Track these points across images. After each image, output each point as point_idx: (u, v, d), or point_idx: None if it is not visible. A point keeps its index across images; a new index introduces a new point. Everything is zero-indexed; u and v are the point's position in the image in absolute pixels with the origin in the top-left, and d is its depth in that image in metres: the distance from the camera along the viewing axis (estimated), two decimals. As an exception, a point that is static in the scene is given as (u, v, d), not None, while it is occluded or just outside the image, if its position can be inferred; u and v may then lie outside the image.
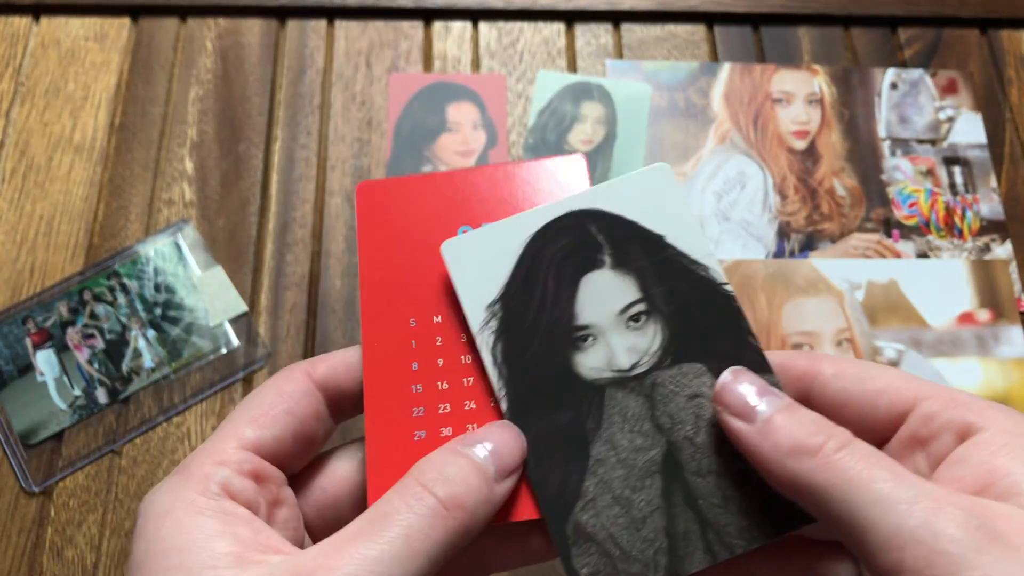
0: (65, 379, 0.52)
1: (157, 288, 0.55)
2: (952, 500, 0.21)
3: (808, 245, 0.58)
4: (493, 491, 0.25)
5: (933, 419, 0.24)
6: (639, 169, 0.30)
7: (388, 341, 0.29)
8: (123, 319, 0.54)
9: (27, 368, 0.52)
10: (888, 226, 0.59)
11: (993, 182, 0.61)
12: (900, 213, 0.59)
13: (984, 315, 0.56)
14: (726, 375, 0.25)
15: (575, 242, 0.28)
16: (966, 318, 0.56)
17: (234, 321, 0.54)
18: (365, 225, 0.30)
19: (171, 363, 0.53)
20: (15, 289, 0.55)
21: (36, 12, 0.64)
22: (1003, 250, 0.58)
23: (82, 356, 0.53)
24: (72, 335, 0.53)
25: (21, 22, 0.63)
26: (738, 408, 0.25)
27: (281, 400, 0.27)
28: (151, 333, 0.53)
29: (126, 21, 0.63)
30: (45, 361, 0.52)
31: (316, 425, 0.27)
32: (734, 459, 0.26)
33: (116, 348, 0.53)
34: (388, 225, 0.30)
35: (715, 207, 0.59)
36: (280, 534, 0.24)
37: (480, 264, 0.28)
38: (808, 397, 0.27)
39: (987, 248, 0.58)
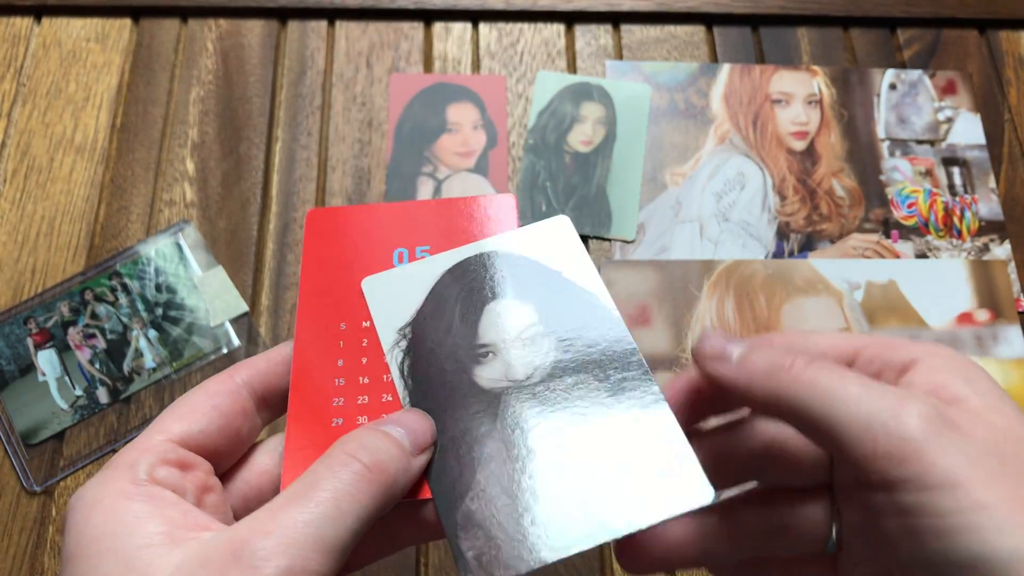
0: (66, 379, 0.52)
1: (158, 288, 0.55)
2: (913, 396, 0.24)
3: (807, 245, 0.58)
4: (410, 463, 0.27)
5: (874, 362, 0.27)
6: (543, 220, 0.34)
7: (318, 338, 0.32)
8: (124, 319, 0.54)
9: (28, 368, 0.52)
10: (887, 226, 0.59)
11: (992, 182, 0.61)
12: (899, 213, 0.59)
13: (983, 315, 0.56)
14: (699, 338, 0.29)
15: (482, 276, 0.32)
16: (965, 318, 0.56)
17: (235, 321, 0.54)
18: (310, 245, 0.34)
19: (172, 363, 0.53)
20: (17, 289, 0.55)
21: (37, 13, 0.64)
22: (1002, 250, 0.58)
23: (83, 356, 0.53)
24: (73, 335, 0.53)
25: (23, 23, 0.63)
26: (716, 353, 0.27)
27: (207, 398, 0.29)
28: (152, 333, 0.54)
29: (127, 22, 0.64)
30: (47, 361, 0.53)
31: (242, 421, 0.29)
32: (626, 440, 0.28)
33: (117, 348, 0.53)
34: (332, 245, 0.34)
35: (714, 207, 0.59)
36: (210, 516, 0.26)
37: (395, 296, 0.32)
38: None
39: (986, 248, 0.58)
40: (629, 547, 0.29)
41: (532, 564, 0.26)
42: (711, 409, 0.31)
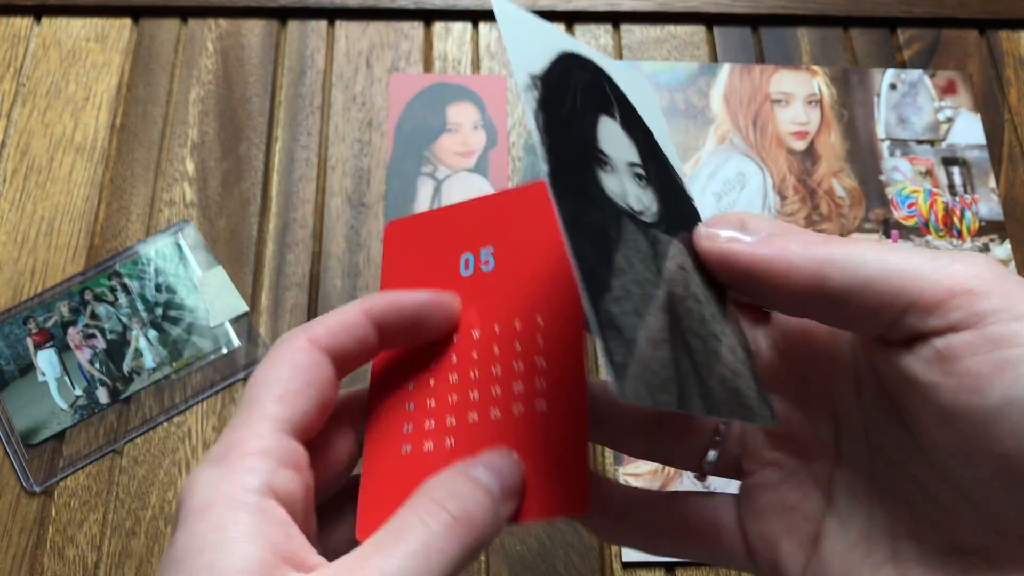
0: (66, 379, 0.52)
1: (158, 288, 0.55)
2: (961, 250, 0.23)
3: (807, 245, 0.58)
4: (499, 511, 0.25)
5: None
6: (635, 72, 0.29)
7: (393, 362, 0.30)
8: (124, 319, 0.54)
9: (28, 368, 0.52)
10: (887, 226, 0.59)
11: (992, 183, 0.61)
12: (899, 213, 0.59)
13: (983, 315, 0.56)
14: (703, 223, 0.26)
15: (595, 84, 0.28)
16: (965, 318, 0.56)
17: (235, 321, 0.54)
18: (389, 260, 0.31)
19: (172, 363, 0.53)
20: (16, 289, 0.55)
21: (37, 13, 0.64)
22: (1002, 250, 0.58)
23: (83, 356, 0.53)
24: (73, 335, 0.53)
25: (22, 23, 0.63)
26: (729, 236, 0.25)
27: (298, 373, 0.26)
28: (152, 333, 0.54)
29: (127, 22, 0.64)
30: (46, 361, 0.53)
31: (332, 392, 0.27)
32: (713, 339, 0.26)
33: (117, 348, 0.53)
34: (409, 257, 0.31)
35: (715, 207, 0.59)
36: (306, 544, 0.24)
37: (525, 38, 0.27)
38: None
39: (986, 249, 0.58)
40: None
41: (666, 403, 0.23)
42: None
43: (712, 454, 0.29)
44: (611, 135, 0.27)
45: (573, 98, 0.27)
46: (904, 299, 0.22)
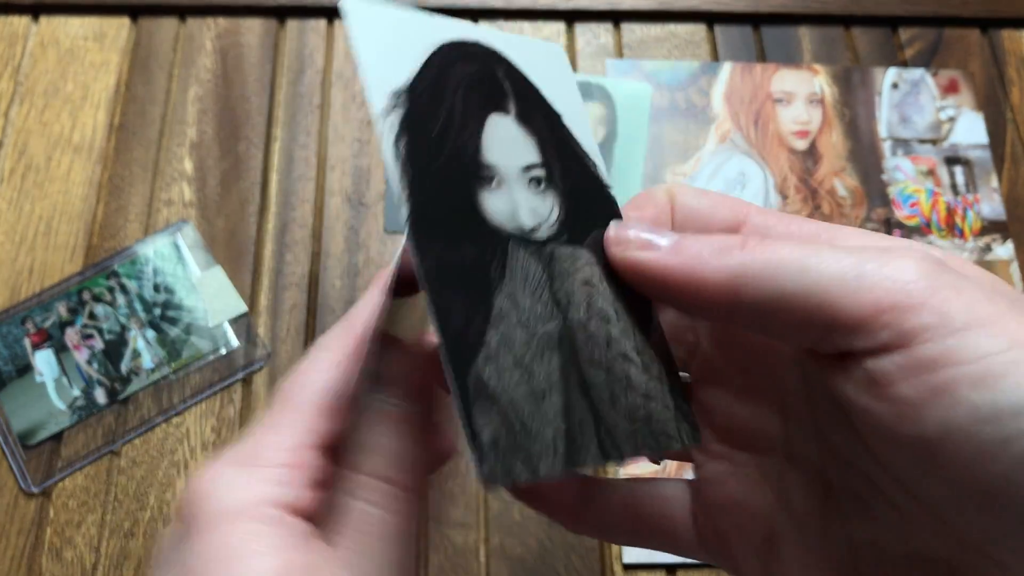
0: (64, 379, 0.52)
1: (156, 288, 0.54)
2: (897, 244, 0.21)
3: (809, 245, 0.58)
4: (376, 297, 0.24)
5: (762, 229, 0.24)
6: (537, 40, 0.27)
7: None
8: (122, 319, 0.54)
9: (26, 368, 0.52)
10: (889, 226, 0.59)
11: (994, 182, 0.60)
12: (901, 213, 0.59)
13: (985, 315, 0.56)
14: (611, 228, 0.24)
15: (483, 76, 0.25)
16: (967, 318, 0.56)
17: (234, 321, 0.54)
18: None
19: (170, 363, 0.53)
20: (14, 289, 0.54)
21: (35, 12, 0.63)
22: (1004, 250, 0.58)
23: (81, 356, 0.53)
24: (71, 335, 0.53)
25: (20, 22, 0.63)
26: (640, 241, 0.23)
27: (336, 372, 0.24)
28: (150, 333, 0.53)
29: (125, 21, 0.63)
30: (44, 361, 0.52)
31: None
32: (622, 360, 0.24)
33: (115, 348, 0.53)
34: None
35: (716, 207, 0.59)
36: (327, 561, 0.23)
37: (387, 42, 0.23)
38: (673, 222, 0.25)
39: (988, 248, 0.58)
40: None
41: (548, 470, 0.22)
42: None
43: None
44: (502, 136, 0.24)
45: (451, 103, 0.24)
46: (825, 317, 0.20)
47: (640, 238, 0.23)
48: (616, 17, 0.65)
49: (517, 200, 0.24)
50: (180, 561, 0.22)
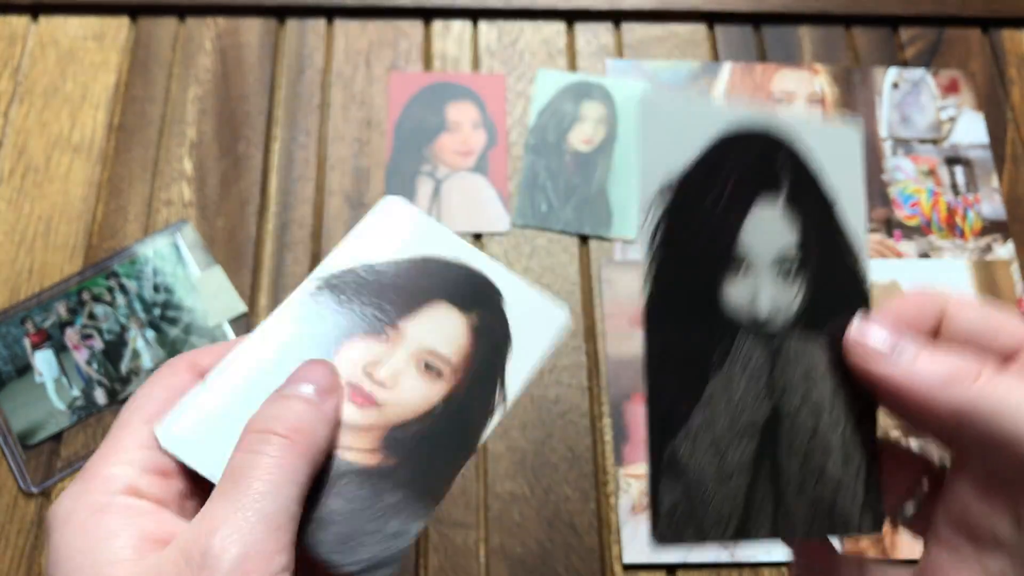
0: (64, 379, 0.52)
1: (156, 288, 0.54)
2: None
3: (809, 245, 0.58)
4: (323, 410, 0.26)
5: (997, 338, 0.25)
6: (835, 121, 0.28)
7: None
8: (122, 319, 0.54)
9: (26, 369, 0.52)
10: (889, 226, 0.59)
11: (995, 182, 0.60)
12: (901, 213, 0.59)
13: (986, 315, 0.56)
14: (858, 324, 0.25)
15: (760, 163, 0.26)
16: (968, 318, 0.56)
17: (233, 321, 0.54)
18: None
19: (170, 364, 0.53)
20: (14, 290, 0.54)
21: (34, 11, 0.63)
22: (1005, 250, 0.58)
23: (81, 356, 0.53)
24: (71, 335, 0.53)
25: (19, 21, 0.63)
26: (878, 352, 0.25)
27: (169, 395, 0.27)
28: (150, 333, 0.53)
29: (125, 21, 0.63)
30: (44, 362, 0.52)
31: None
32: (821, 453, 0.26)
33: (115, 348, 0.53)
34: None
35: (716, 207, 0.58)
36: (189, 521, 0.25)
37: (672, 133, 0.25)
38: (939, 331, 0.27)
39: (989, 248, 0.58)
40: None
41: (716, 539, 0.25)
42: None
43: (910, 506, 0.28)
44: (764, 223, 0.26)
45: (719, 193, 0.26)
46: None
47: (877, 349, 0.25)
48: (616, 17, 0.65)
49: (759, 288, 0.26)
50: (51, 565, 0.24)
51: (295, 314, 0.30)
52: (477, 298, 0.31)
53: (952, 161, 0.61)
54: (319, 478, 0.26)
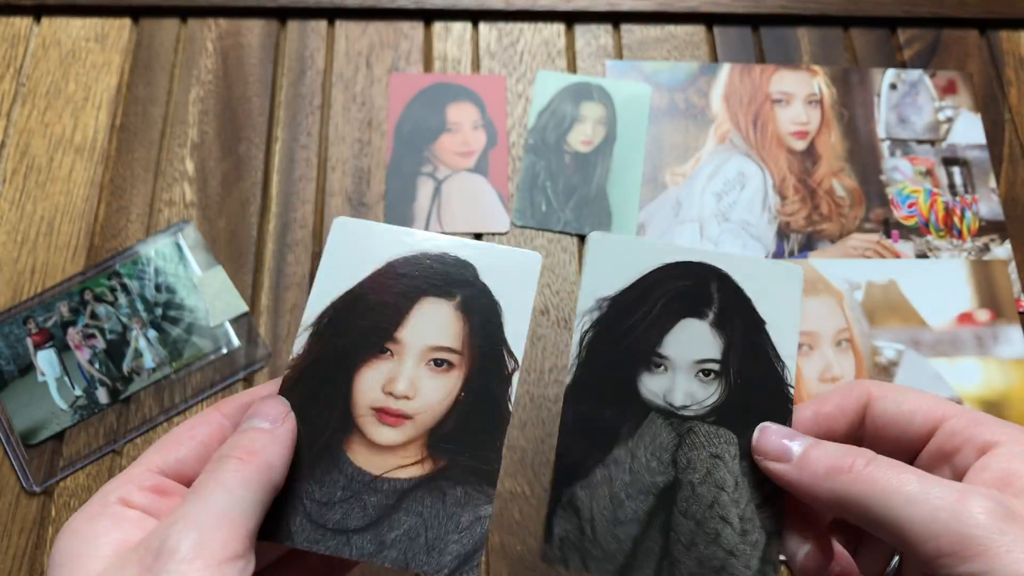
0: (66, 379, 0.52)
1: (158, 288, 0.55)
2: (974, 491, 0.24)
3: (807, 245, 0.58)
4: (276, 433, 0.30)
5: (956, 435, 0.28)
6: (778, 261, 0.34)
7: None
8: (124, 319, 0.54)
9: (28, 368, 0.52)
10: (887, 226, 0.59)
11: (992, 182, 0.61)
12: (899, 213, 0.59)
13: (983, 315, 0.56)
14: (758, 431, 0.30)
15: (693, 289, 0.32)
16: (965, 318, 0.56)
17: (235, 321, 0.54)
18: None
19: (172, 363, 0.53)
20: (16, 289, 0.55)
21: (37, 13, 0.64)
22: (1002, 250, 0.58)
23: (83, 356, 0.53)
24: (73, 335, 0.53)
25: (22, 23, 0.63)
26: (776, 453, 0.29)
27: (187, 430, 0.31)
28: (152, 333, 0.54)
29: (127, 22, 0.64)
30: (46, 361, 0.53)
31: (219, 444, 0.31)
32: (714, 521, 0.30)
33: (117, 348, 0.53)
34: None
35: (715, 207, 0.59)
36: None
37: (611, 264, 0.32)
38: (864, 419, 0.31)
39: (986, 248, 0.58)
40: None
41: (598, 571, 0.29)
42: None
43: (894, 563, 0.31)
44: (688, 336, 0.31)
45: (649, 309, 0.31)
46: (907, 549, 0.25)
47: (772, 451, 0.29)
48: (616, 18, 0.65)
49: (676, 384, 0.31)
50: (48, 568, 0.27)
51: (304, 368, 0.32)
52: (453, 280, 0.32)
53: (950, 162, 0.61)
54: (382, 506, 0.30)
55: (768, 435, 0.30)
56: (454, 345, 0.32)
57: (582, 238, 0.58)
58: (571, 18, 0.65)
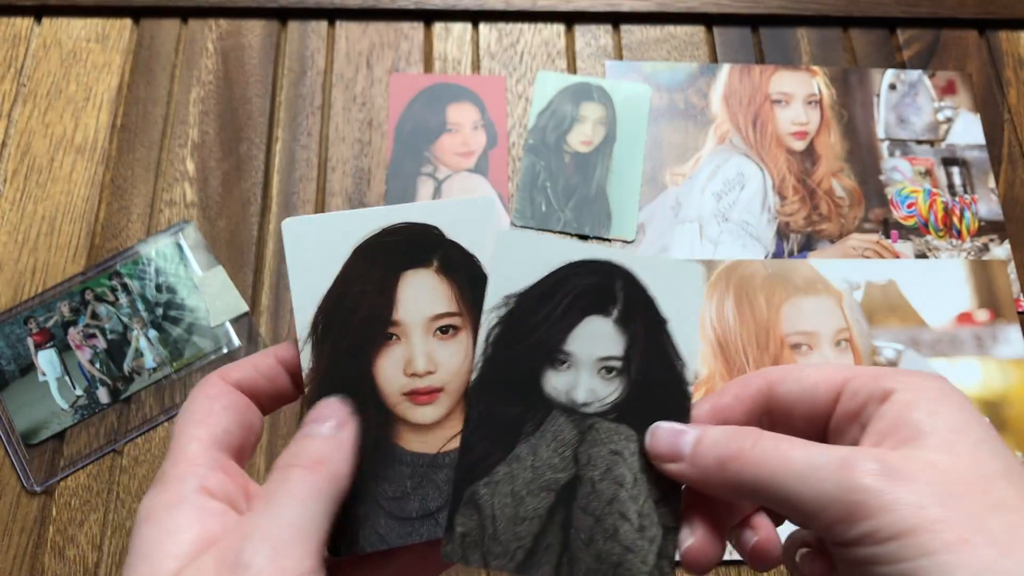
0: (67, 379, 0.52)
1: (159, 288, 0.55)
2: (855, 457, 0.25)
3: (807, 245, 0.58)
4: (339, 439, 0.29)
5: (858, 393, 0.28)
6: (680, 260, 0.33)
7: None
8: (124, 319, 0.54)
9: (29, 368, 0.52)
10: (887, 226, 0.59)
11: (991, 183, 0.61)
12: (899, 213, 0.59)
13: (982, 315, 0.56)
14: (649, 434, 0.31)
15: (598, 287, 0.32)
16: (964, 318, 0.56)
17: (235, 321, 0.54)
18: None
19: (172, 363, 0.53)
20: (17, 289, 0.55)
21: (38, 13, 0.64)
22: (1001, 250, 0.58)
23: (84, 356, 0.53)
24: (74, 335, 0.53)
25: (23, 23, 0.63)
26: (668, 455, 0.30)
27: (212, 402, 0.30)
28: (152, 333, 0.54)
29: (127, 22, 0.64)
30: (47, 361, 0.53)
31: (251, 414, 0.31)
32: (612, 517, 0.31)
33: (118, 348, 0.53)
34: None
35: (714, 207, 0.59)
36: None
37: (519, 260, 0.32)
38: (769, 406, 0.31)
39: (985, 248, 0.58)
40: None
41: (499, 567, 0.30)
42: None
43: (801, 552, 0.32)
44: (592, 333, 0.32)
45: (555, 306, 0.32)
46: (799, 518, 0.26)
47: (664, 453, 0.30)
48: (615, 19, 0.65)
49: (579, 381, 0.31)
50: (128, 555, 0.26)
51: (321, 381, 0.32)
52: (424, 246, 0.32)
53: (949, 162, 0.61)
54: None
55: (658, 437, 0.30)
56: (451, 309, 0.32)
57: (582, 238, 0.58)
58: (571, 19, 0.65)
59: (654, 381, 0.32)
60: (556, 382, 0.31)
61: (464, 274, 0.32)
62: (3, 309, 0.54)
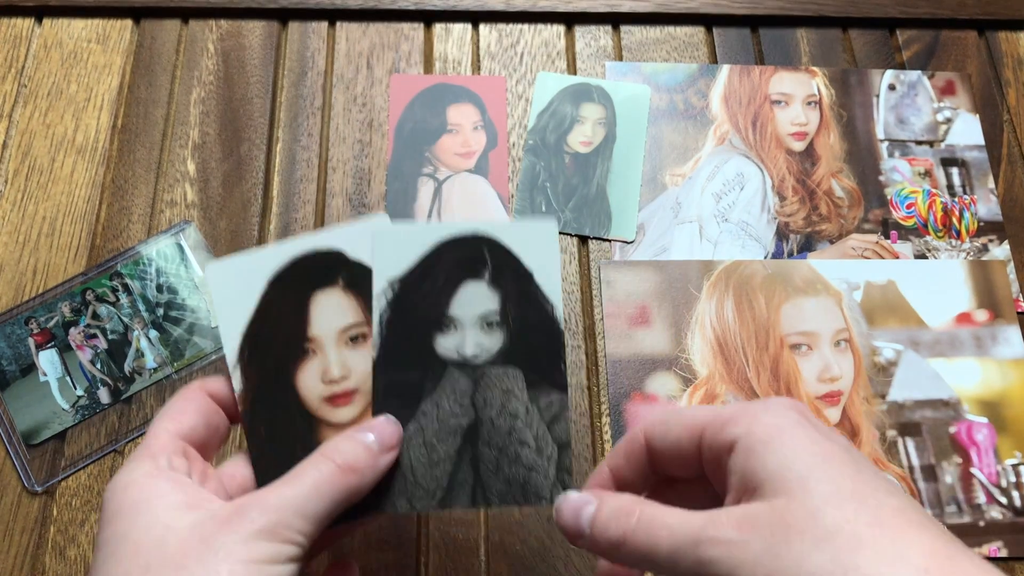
0: (68, 379, 0.52)
1: (159, 289, 0.55)
2: (706, 527, 0.28)
3: (806, 246, 0.58)
4: (378, 460, 0.34)
5: (712, 447, 0.31)
6: (535, 221, 0.39)
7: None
8: (125, 319, 0.54)
9: (30, 368, 0.53)
10: (886, 227, 0.59)
11: (991, 183, 0.61)
12: (898, 214, 0.60)
13: (982, 315, 0.56)
14: (555, 510, 0.34)
15: (469, 256, 0.37)
16: (964, 318, 0.56)
17: (236, 321, 0.54)
18: None
19: (173, 363, 0.53)
20: (18, 290, 0.55)
21: (39, 14, 0.64)
22: (1001, 251, 0.59)
23: (85, 356, 0.53)
24: (75, 335, 0.53)
25: (24, 24, 0.64)
26: (572, 532, 0.33)
27: (187, 404, 0.35)
28: (153, 333, 0.54)
29: (128, 23, 0.64)
30: (48, 361, 0.53)
31: (218, 418, 0.36)
32: (513, 445, 0.35)
33: (118, 348, 0.53)
34: None
35: (714, 208, 0.59)
36: (212, 495, 0.33)
37: (396, 250, 0.37)
38: (652, 459, 0.34)
39: (985, 249, 0.59)
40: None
41: (424, 509, 0.35)
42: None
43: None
44: (470, 296, 0.36)
45: (435, 279, 0.36)
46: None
47: (569, 530, 0.33)
48: (615, 19, 0.65)
49: (466, 338, 0.36)
50: (104, 534, 0.30)
51: (253, 399, 0.36)
52: (330, 268, 0.37)
53: (948, 163, 0.61)
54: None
55: (562, 512, 0.33)
56: (359, 319, 0.36)
57: (583, 239, 0.58)
58: (571, 19, 0.65)
59: (530, 325, 0.36)
60: (446, 343, 0.36)
61: (368, 288, 0.36)
62: (4, 309, 0.54)
